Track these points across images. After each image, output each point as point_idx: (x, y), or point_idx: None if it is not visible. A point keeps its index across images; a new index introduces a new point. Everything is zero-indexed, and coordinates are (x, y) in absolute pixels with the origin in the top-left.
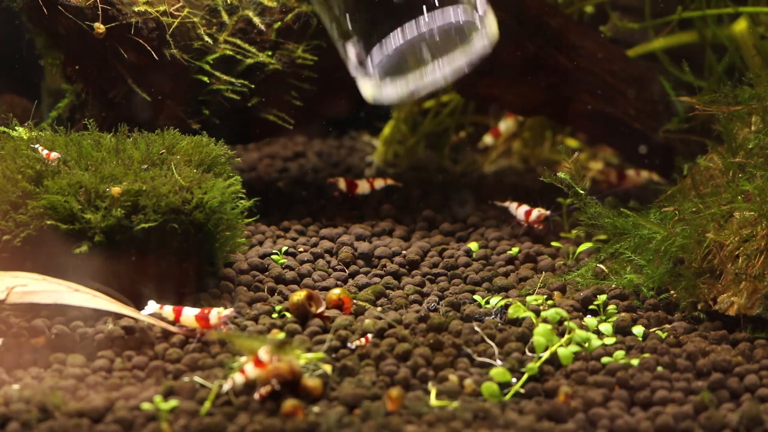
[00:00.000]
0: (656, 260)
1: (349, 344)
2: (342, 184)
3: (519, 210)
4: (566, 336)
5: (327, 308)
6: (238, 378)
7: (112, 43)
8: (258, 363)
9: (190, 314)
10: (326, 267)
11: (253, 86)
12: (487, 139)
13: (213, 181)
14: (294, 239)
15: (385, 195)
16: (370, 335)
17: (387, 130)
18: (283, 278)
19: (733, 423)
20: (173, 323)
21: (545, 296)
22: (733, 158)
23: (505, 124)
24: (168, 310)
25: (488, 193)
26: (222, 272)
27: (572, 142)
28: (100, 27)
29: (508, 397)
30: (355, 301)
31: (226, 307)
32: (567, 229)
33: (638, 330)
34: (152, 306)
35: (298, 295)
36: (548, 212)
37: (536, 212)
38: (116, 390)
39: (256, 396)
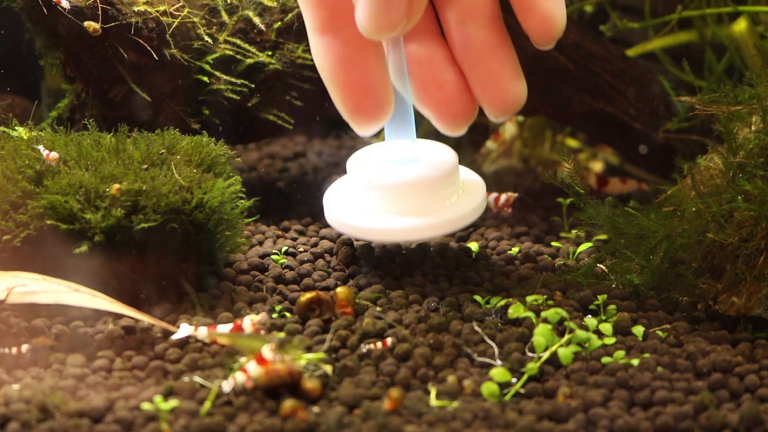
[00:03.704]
0: (656, 260)
1: (363, 347)
2: None
3: (488, 197)
4: (566, 336)
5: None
6: (240, 377)
7: (112, 43)
8: (261, 360)
9: (225, 332)
10: (326, 267)
11: (253, 86)
12: (489, 144)
13: (213, 181)
14: (294, 239)
15: None
16: (389, 339)
17: None
18: (283, 278)
19: (733, 423)
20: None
21: (545, 296)
22: (733, 158)
23: (509, 131)
24: (203, 332)
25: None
26: (222, 272)
27: (572, 142)
28: (91, 25)
29: (508, 397)
30: (356, 300)
31: (258, 311)
32: (567, 229)
33: (638, 330)
34: (186, 329)
35: (303, 297)
36: (516, 194)
37: (504, 196)
38: (116, 390)
39: (248, 384)
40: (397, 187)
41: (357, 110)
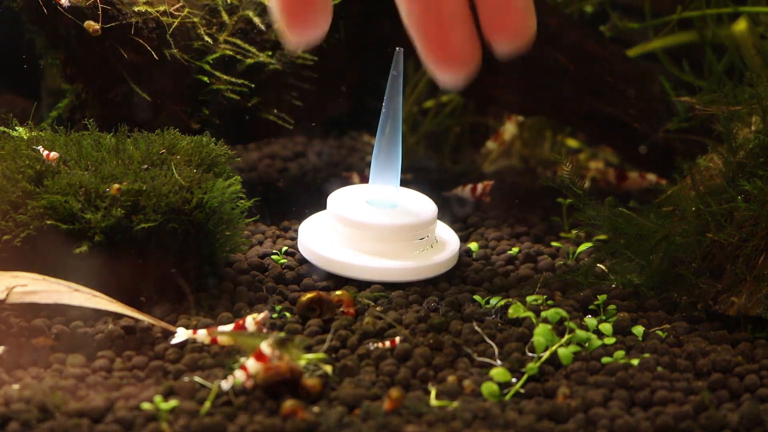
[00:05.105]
0: (656, 260)
1: (370, 346)
2: (356, 178)
3: (465, 190)
4: (566, 336)
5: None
6: (239, 374)
7: (112, 43)
8: (259, 357)
9: (226, 331)
10: None
11: (253, 86)
12: (490, 144)
13: (213, 181)
14: (294, 239)
15: None
16: (398, 339)
17: None
18: (283, 278)
19: (733, 423)
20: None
21: (545, 296)
22: (733, 158)
23: (509, 131)
24: (202, 334)
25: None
26: (222, 272)
27: (572, 142)
28: (91, 25)
29: (508, 397)
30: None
31: (259, 312)
32: (567, 229)
33: (638, 330)
34: (183, 333)
35: (304, 297)
36: (492, 182)
37: (481, 186)
38: (116, 390)
39: (248, 383)
40: (370, 227)
41: (294, 18)
